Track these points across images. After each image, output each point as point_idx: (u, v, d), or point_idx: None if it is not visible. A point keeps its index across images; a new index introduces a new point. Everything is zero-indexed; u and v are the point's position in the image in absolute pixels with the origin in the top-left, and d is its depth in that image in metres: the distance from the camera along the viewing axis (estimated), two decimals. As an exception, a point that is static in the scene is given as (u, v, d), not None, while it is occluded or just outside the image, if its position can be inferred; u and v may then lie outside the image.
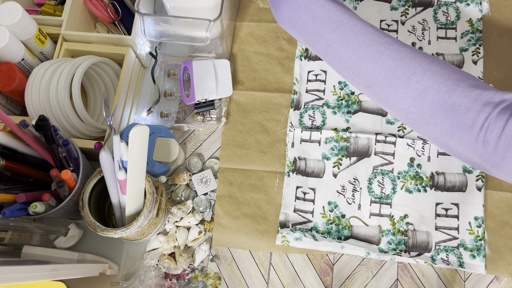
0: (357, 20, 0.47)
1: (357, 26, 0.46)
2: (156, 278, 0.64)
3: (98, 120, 0.73)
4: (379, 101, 0.47)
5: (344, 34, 0.47)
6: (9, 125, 0.52)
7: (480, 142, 0.39)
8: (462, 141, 0.41)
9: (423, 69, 0.43)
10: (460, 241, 0.63)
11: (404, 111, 0.44)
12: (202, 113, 0.73)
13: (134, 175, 0.54)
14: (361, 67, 0.46)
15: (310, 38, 0.50)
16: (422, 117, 0.43)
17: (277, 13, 0.52)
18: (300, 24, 0.50)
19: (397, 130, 0.69)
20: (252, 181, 0.69)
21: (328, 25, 0.47)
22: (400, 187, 0.66)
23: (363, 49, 0.46)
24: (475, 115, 0.39)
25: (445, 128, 0.42)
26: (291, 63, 0.76)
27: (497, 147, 0.38)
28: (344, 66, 0.48)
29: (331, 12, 0.47)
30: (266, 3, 0.80)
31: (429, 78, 0.42)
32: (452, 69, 0.43)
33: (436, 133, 0.43)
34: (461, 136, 0.41)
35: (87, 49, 0.71)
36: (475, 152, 0.40)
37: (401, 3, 0.77)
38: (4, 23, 0.63)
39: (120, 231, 0.54)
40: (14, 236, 0.59)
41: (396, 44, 0.45)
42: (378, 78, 0.45)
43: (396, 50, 0.44)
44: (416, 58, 0.44)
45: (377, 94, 0.46)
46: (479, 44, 0.72)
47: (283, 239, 0.65)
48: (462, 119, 0.40)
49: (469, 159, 0.42)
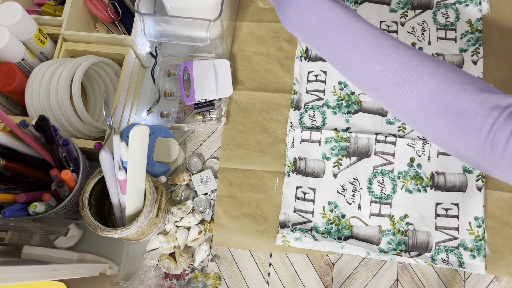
0: (363, 23, 0.47)
1: (363, 29, 0.46)
2: (156, 278, 0.64)
3: (98, 120, 0.73)
4: (385, 104, 0.47)
5: (350, 37, 0.46)
6: (9, 125, 0.52)
7: (487, 147, 0.39)
8: (469, 145, 0.41)
9: (430, 72, 0.43)
10: (460, 241, 0.63)
11: (411, 115, 0.44)
12: (202, 113, 0.73)
13: (134, 175, 0.54)
14: (368, 70, 0.46)
15: (316, 41, 0.50)
16: (429, 120, 0.43)
17: (283, 16, 0.51)
18: (306, 26, 0.49)
19: (397, 130, 0.69)
20: (252, 181, 0.70)
21: (335, 28, 0.47)
22: (400, 187, 0.66)
23: (369, 52, 0.45)
24: (482, 119, 0.39)
25: (452, 132, 0.41)
26: (291, 63, 0.76)
27: (505, 151, 0.38)
28: (351, 69, 0.48)
29: (338, 15, 0.47)
30: (267, 3, 0.80)
31: (436, 82, 0.42)
32: (459, 73, 0.42)
33: (443, 137, 0.43)
34: (468, 140, 0.40)
35: (87, 49, 0.71)
36: (482, 157, 0.40)
37: (400, 6, 0.77)
38: (4, 23, 0.63)
39: (120, 231, 0.54)
40: (14, 236, 0.59)
41: (402, 47, 0.45)
42: (385, 81, 0.45)
43: (402, 53, 0.44)
44: (423, 61, 0.43)
45: (383, 97, 0.46)
46: (478, 44, 0.72)
47: (283, 239, 0.65)
48: (469, 123, 0.40)
49: (477, 163, 0.42)
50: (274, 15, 0.80)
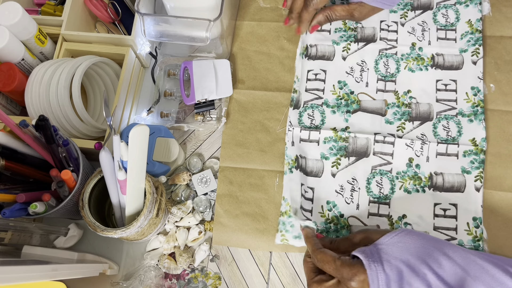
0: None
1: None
2: (156, 278, 0.64)
3: (98, 120, 0.73)
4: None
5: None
6: (9, 125, 0.52)
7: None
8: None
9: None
10: (458, 242, 0.63)
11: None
12: (202, 113, 0.73)
13: (134, 175, 0.54)
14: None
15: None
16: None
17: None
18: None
19: (396, 130, 0.69)
20: (252, 180, 0.70)
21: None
22: (399, 187, 0.67)
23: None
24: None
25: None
26: (291, 62, 0.76)
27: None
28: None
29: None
30: (267, 2, 0.81)
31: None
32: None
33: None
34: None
35: (87, 49, 0.71)
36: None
37: (400, 7, 0.77)
38: (4, 23, 0.63)
39: (120, 231, 0.54)
40: (14, 236, 0.59)
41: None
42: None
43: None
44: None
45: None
46: (478, 44, 0.72)
47: (282, 238, 0.65)
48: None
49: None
50: (275, 14, 0.80)
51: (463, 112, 0.69)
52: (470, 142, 0.67)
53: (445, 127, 0.69)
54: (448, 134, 0.68)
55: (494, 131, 0.68)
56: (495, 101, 0.69)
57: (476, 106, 0.69)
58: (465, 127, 0.68)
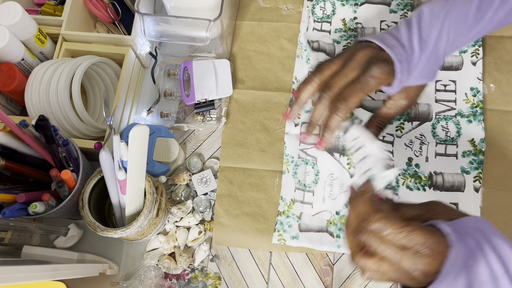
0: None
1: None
2: (156, 278, 0.64)
3: (98, 120, 0.73)
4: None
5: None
6: (9, 125, 0.52)
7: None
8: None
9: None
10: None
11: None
12: (202, 113, 0.73)
13: (134, 175, 0.54)
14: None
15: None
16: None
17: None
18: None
19: (395, 130, 0.69)
20: (252, 180, 0.70)
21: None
22: (401, 184, 0.67)
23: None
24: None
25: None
26: (291, 62, 0.76)
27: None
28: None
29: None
30: (267, 2, 0.81)
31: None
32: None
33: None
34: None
35: (87, 49, 0.71)
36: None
37: (400, 7, 0.77)
38: (4, 23, 0.63)
39: (120, 231, 0.54)
40: (14, 236, 0.59)
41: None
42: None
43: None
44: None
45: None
46: (478, 45, 0.72)
47: (280, 238, 0.65)
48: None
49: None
50: (275, 14, 0.80)
51: (462, 113, 0.69)
52: (469, 143, 0.67)
53: (444, 127, 0.69)
54: (447, 134, 0.68)
55: (494, 131, 0.68)
56: (495, 101, 0.69)
57: (475, 107, 0.69)
58: (464, 128, 0.68)
